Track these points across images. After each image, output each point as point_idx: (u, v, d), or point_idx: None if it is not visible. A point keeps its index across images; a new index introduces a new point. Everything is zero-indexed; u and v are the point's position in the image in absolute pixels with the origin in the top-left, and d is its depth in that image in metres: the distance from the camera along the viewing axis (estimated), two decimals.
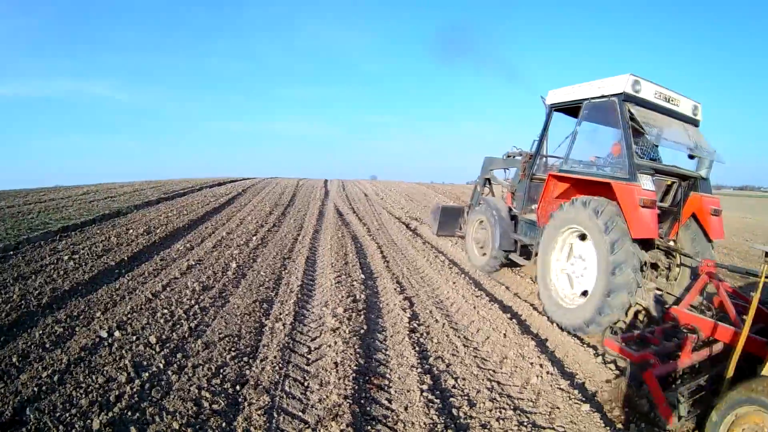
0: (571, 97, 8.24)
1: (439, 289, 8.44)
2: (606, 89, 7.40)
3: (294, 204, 21.33)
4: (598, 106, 7.70)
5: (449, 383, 4.93)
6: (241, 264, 9.12)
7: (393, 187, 36.31)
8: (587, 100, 7.84)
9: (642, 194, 6.46)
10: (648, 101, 7.30)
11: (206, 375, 4.54)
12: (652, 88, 7.32)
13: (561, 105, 8.61)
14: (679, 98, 7.66)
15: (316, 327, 6.16)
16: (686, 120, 7.77)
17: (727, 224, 23.44)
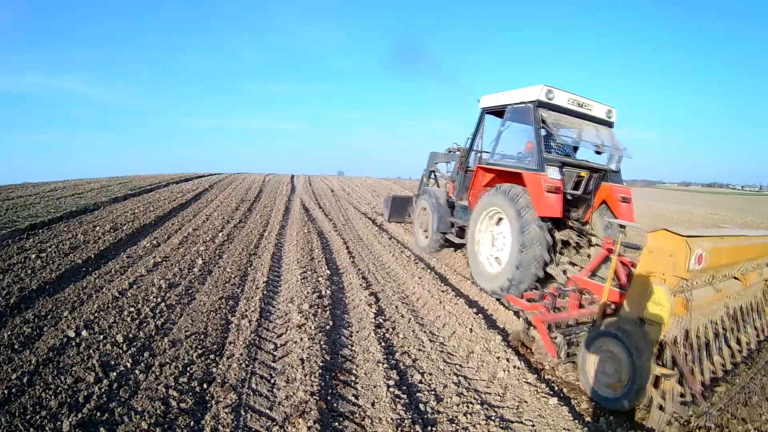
0: (498, 102, 9.76)
1: (405, 285, 8.49)
2: (524, 96, 8.91)
3: (260, 200, 21.30)
4: (518, 110, 9.15)
5: (416, 378, 4.95)
6: (207, 260, 9.09)
7: (360, 183, 36.45)
8: (510, 105, 9.32)
9: (548, 182, 7.88)
10: (561, 107, 8.79)
11: (173, 373, 4.52)
12: (565, 95, 8.81)
13: (490, 108, 10.13)
14: (593, 104, 9.15)
15: (281, 323, 6.17)
16: (599, 122, 9.26)
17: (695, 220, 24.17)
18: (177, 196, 19.54)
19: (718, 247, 4.93)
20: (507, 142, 9.59)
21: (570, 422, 4.15)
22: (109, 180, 25.73)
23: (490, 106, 10.07)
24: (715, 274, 5.16)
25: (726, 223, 24.46)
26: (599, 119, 9.27)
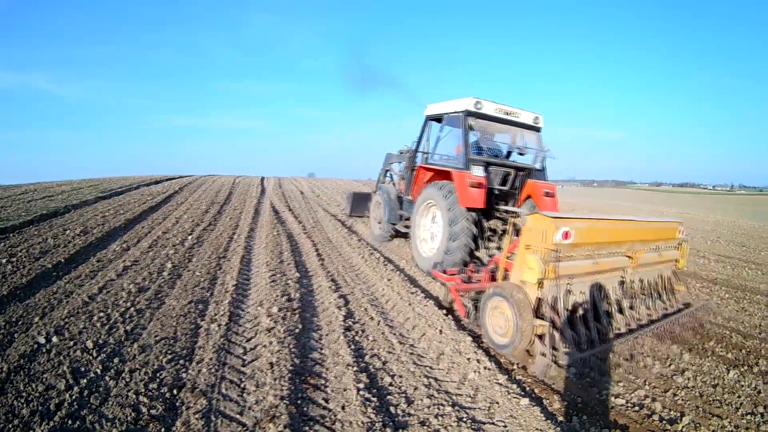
0: (437, 111, 11.11)
1: (375, 287, 8.51)
2: (456, 107, 10.22)
3: (230, 202, 21.19)
4: (452, 118, 10.48)
5: (386, 381, 4.96)
6: (177, 264, 9.04)
7: (330, 185, 36.53)
8: (446, 113, 10.74)
9: (471, 179, 9.18)
10: (488, 115, 10.11)
11: (143, 379, 4.50)
12: (493, 105, 10.10)
13: (432, 116, 11.43)
14: (520, 112, 10.50)
15: (251, 327, 6.14)
16: (526, 127, 10.72)
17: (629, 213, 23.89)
18: (147, 199, 19.37)
19: (588, 228, 6.13)
20: (444, 145, 10.99)
21: (542, 422, 4.19)
22: (80, 182, 25.47)
23: (431, 113, 11.43)
24: (594, 250, 6.36)
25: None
26: (526, 125, 10.70)
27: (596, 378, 5.63)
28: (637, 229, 7.28)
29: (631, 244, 7.02)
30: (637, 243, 7.12)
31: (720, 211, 45.79)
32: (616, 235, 6.78)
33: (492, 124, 10.35)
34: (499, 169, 10.43)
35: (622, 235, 6.91)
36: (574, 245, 5.91)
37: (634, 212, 29.73)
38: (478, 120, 10.03)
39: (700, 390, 5.49)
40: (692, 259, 14.11)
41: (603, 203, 44.39)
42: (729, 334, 7.51)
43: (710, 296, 9.83)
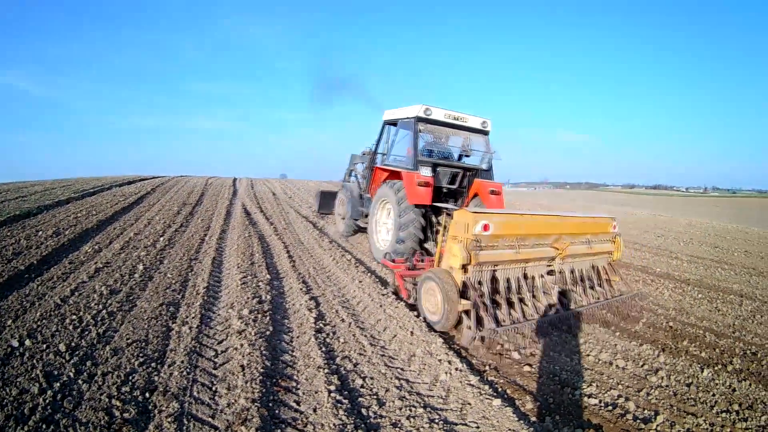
0: (393, 116, 11.90)
1: (346, 288, 8.55)
2: (408, 113, 11.06)
3: (202, 203, 21.08)
4: (405, 123, 11.38)
5: (357, 383, 4.98)
6: (148, 266, 9.00)
7: (302, 186, 36.53)
8: (400, 119, 11.56)
9: (419, 178, 10.05)
10: (437, 120, 10.96)
11: (116, 383, 4.49)
12: (442, 112, 10.96)
13: (389, 120, 12.16)
14: (468, 117, 11.37)
15: (222, 330, 6.14)
16: (474, 131, 11.64)
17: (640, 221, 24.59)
18: (119, 200, 19.23)
19: (508, 221, 7.10)
20: (398, 148, 11.93)
21: (515, 423, 4.22)
22: (53, 182, 25.26)
23: (388, 118, 12.22)
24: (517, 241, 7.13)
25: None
26: (474, 129, 11.62)
27: (568, 378, 5.69)
28: (563, 223, 8.13)
29: (557, 237, 7.77)
30: (564, 236, 7.88)
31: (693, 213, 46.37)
32: (539, 228, 7.62)
33: (439, 128, 11.28)
34: (447, 169, 11.43)
35: (546, 228, 7.74)
36: (495, 236, 6.79)
37: (605, 212, 29.95)
38: (427, 125, 11.02)
39: (674, 389, 5.59)
40: (665, 260, 14.41)
41: (572, 204, 44.71)
42: (702, 334, 7.66)
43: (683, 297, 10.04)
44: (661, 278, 11.84)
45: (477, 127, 11.58)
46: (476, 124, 11.54)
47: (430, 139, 11.58)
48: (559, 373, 5.83)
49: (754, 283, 11.98)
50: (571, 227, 8.17)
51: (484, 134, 11.78)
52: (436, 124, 11.10)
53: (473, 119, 11.48)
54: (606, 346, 6.78)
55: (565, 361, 6.21)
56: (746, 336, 7.79)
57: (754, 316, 8.93)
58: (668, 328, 7.92)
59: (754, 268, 14.19)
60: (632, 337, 7.27)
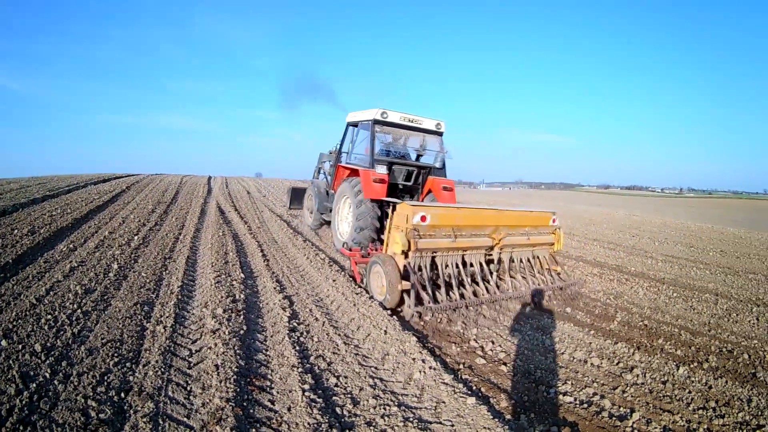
0: (355, 119, 12.87)
1: (319, 287, 8.55)
2: (367, 116, 11.96)
3: (177, 202, 20.99)
4: (364, 125, 12.25)
5: (331, 382, 4.99)
6: (123, 265, 8.96)
7: (276, 185, 36.58)
8: (360, 121, 12.49)
9: (375, 175, 11.01)
10: (394, 123, 11.88)
11: (91, 383, 4.47)
12: (398, 115, 11.84)
13: (351, 122, 13.15)
14: (423, 119, 12.27)
15: (196, 329, 6.12)
16: (429, 132, 12.51)
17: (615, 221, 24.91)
18: (94, 198, 19.12)
19: (444, 213, 8.09)
20: (358, 148, 12.67)
21: (490, 421, 4.21)
22: (29, 180, 25.19)
23: (351, 120, 13.18)
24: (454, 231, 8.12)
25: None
26: (429, 130, 12.49)
27: (543, 376, 5.75)
28: (500, 216, 9.09)
29: (494, 229, 8.73)
30: (501, 228, 8.83)
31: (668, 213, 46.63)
32: (475, 220, 8.58)
33: (395, 130, 12.31)
34: (403, 167, 12.36)
35: (483, 220, 8.70)
36: (432, 226, 7.78)
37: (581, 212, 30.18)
38: (384, 127, 11.97)
39: (650, 386, 5.63)
40: (640, 260, 14.58)
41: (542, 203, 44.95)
42: (678, 332, 7.75)
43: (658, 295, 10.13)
44: (636, 277, 11.92)
45: (431, 129, 12.50)
46: (431, 126, 12.46)
47: (387, 139, 12.61)
48: (533, 371, 5.87)
49: (730, 282, 12.05)
50: (508, 220, 9.16)
51: (438, 135, 12.71)
52: (393, 126, 12.09)
53: (428, 121, 12.39)
54: (580, 345, 6.83)
55: (540, 359, 6.25)
56: (722, 334, 7.86)
57: (730, 315, 8.99)
58: (643, 327, 7.98)
59: (730, 267, 14.29)
60: (607, 336, 7.31)
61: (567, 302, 9.12)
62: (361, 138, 12.54)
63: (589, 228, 22.60)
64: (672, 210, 57.88)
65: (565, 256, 14.13)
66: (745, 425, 4.92)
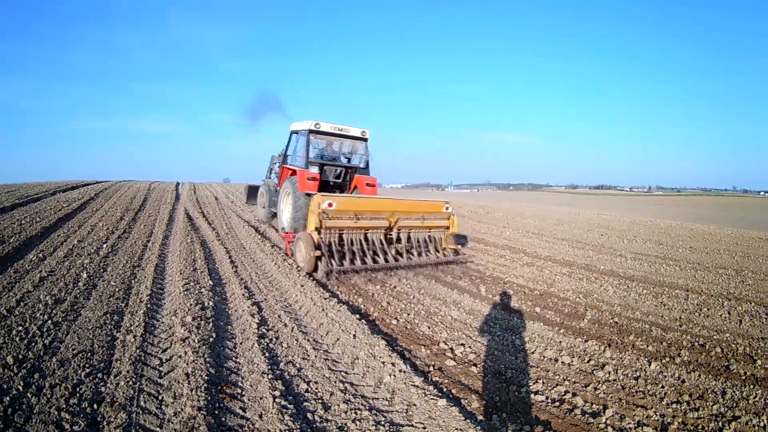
0: (296, 128, 15.02)
1: (288, 293, 8.50)
2: (304, 126, 14.02)
3: (145, 209, 20.80)
4: (302, 133, 14.32)
5: (302, 387, 4.96)
6: (92, 274, 8.86)
7: (244, 190, 36.51)
8: (299, 130, 14.60)
9: (308, 174, 13.07)
10: (326, 131, 14.00)
11: (64, 395, 4.41)
12: (329, 125, 13.93)
13: (293, 131, 15.21)
14: (350, 128, 14.35)
15: (166, 337, 6.06)
16: (356, 138, 14.69)
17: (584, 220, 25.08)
18: (63, 206, 18.95)
19: (346, 201, 10.56)
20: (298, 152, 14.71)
21: (461, 422, 4.21)
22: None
23: (293, 129, 15.26)
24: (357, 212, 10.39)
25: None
26: (356, 137, 14.64)
27: (513, 376, 5.76)
28: (396, 203, 11.29)
29: (391, 213, 10.93)
30: (397, 213, 11.02)
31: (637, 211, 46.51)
32: (374, 207, 10.86)
33: (328, 137, 14.53)
34: (333, 168, 14.68)
35: (380, 206, 10.99)
36: (338, 211, 10.11)
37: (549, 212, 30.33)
38: (317, 135, 14.11)
39: (622, 383, 5.63)
40: (609, 258, 14.60)
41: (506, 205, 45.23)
42: (649, 328, 7.76)
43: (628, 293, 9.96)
44: (605, 275, 11.95)
45: (358, 136, 14.67)
46: (357, 134, 14.62)
47: (321, 145, 14.81)
48: (504, 371, 5.88)
49: (700, 278, 12.10)
50: (403, 207, 11.33)
51: (363, 141, 14.91)
52: (325, 134, 14.26)
53: (354, 130, 14.52)
54: (550, 344, 6.84)
55: (510, 359, 6.25)
56: (693, 329, 7.89)
57: (701, 309, 9.03)
58: (614, 324, 7.98)
59: (699, 263, 14.34)
60: (577, 334, 7.32)
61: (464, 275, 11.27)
62: (300, 144, 14.53)
63: (558, 228, 22.51)
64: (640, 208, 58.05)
65: (533, 256, 14.31)
66: (720, 417, 4.95)
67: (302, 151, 14.13)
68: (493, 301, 8.90)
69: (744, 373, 6.13)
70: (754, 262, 14.80)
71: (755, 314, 8.77)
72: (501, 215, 28.07)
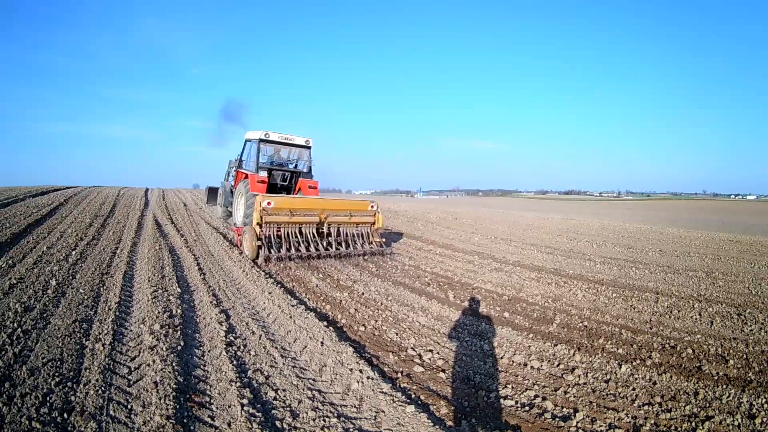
0: (249, 137, 16.88)
1: (256, 300, 8.46)
2: (255, 135, 16.02)
3: (114, 215, 20.71)
4: (253, 142, 16.22)
5: (270, 395, 4.93)
6: (61, 281, 8.79)
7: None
8: (252, 139, 16.48)
9: (257, 178, 15.17)
10: (274, 140, 16.01)
11: (34, 404, 4.38)
12: (277, 134, 15.98)
13: (247, 139, 17.02)
14: (295, 137, 16.45)
15: (134, 346, 6.01)
16: (300, 146, 16.79)
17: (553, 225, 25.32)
18: (33, 212, 18.86)
19: (283, 200, 12.44)
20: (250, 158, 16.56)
21: (430, 428, 4.20)
22: None
23: (247, 138, 17.09)
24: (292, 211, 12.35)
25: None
26: (300, 145, 16.75)
27: (482, 381, 5.76)
28: (325, 202, 13.48)
29: (321, 210, 12.94)
30: (327, 210, 13.06)
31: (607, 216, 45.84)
32: (306, 205, 12.89)
33: (276, 145, 16.48)
34: (279, 172, 16.65)
35: (311, 205, 13.01)
36: (275, 209, 12.07)
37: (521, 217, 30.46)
38: (267, 143, 16.04)
39: (592, 386, 5.61)
40: (578, 262, 14.44)
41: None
42: (618, 332, 7.71)
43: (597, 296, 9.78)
44: (575, 279, 11.86)
45: (302, 144, 16.74)
46: (301, 142, 16.69)
47: (270, 152, 16.64)
48: (473, 376, 5.86)
49: (670, 280, 12.02)
50: (332, 205, 13.41)
51: (307, 148, 16.96)
52: (273, 143, 16.23)
53: (299, 139, 16.59)
54: (519, 348, 6.81)
55: (479, 364, 6.23)
56: (664, 331, 7.87)
57: (671, 312, 8.98)
58: (583, 328, 7.93)
59: (669, 266, 14.25)
60: (546, 338, 7.28)
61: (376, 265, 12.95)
62: (252, 151, 16.34)
63: (527, 233, 22.34)
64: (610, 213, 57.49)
65: (502, 261, 14.24)
66: (693, 417, 4.96)
67: (254, 157, 16.08)
68: (461, 307, 8.87)
69: (716, 373, 6.14)
70: (725, 263, 14.83)
71: (726, 315, 8.79)
72: (469, 221, 27.97)
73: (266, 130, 15.82)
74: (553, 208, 68.97)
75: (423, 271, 12.10)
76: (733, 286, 11.52)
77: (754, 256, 16.46)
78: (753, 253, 17.20)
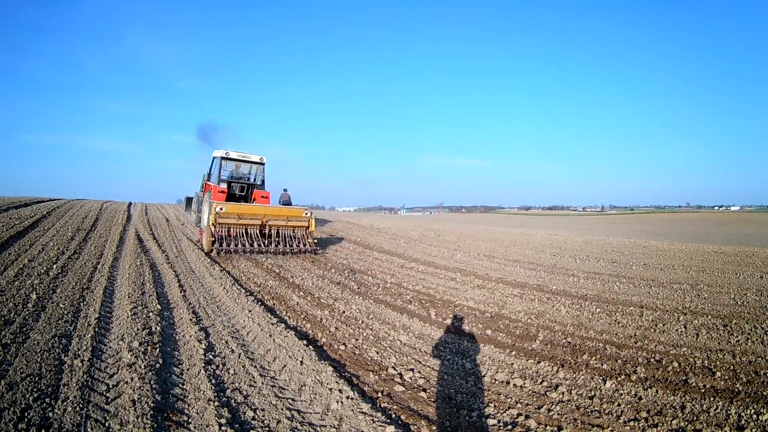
0: (215, 154, 18.88)
1: (235, 318, 8.37)
2: (218, 153, 18.53)
3: (96, 229, 20.71)
4: (216, 159, 18.67)
5: (248, 415, 4.87)
6: (42, 295, 8.71)
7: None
8: (217, 156, 18.70)
9: (218, 189, 17.79)
10: (233, 157, 18.65)
11: (13, 419, 4.32)
12: (236, 153, 18.67)
13: (214, 156, 18.99)
14: (251, 155, 19.11)
15: (113, 363, 5.93)
16: (256, 163, 19.45)
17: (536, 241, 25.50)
18: (15, 223, 18.88)
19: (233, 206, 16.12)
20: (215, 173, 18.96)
21: None
22: None
23: (213, 155, 19.11)
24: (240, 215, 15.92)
25: None
26: (256, 162, 19.38)
27: (464, 400, 5.65)
28: (266, 209, 17.02)
29: (264, 215, 16.37)
30: (268, 215, 16.52)
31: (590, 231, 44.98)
32: (251, 211, 16.31)
33: (235, 162, 19.16)
34: (237, 184, 19.12)
35: (255, 211, 16.45)
36: (226, 213, 15.29)
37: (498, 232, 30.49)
38: (228, 160, 18.73)
39: (576, 403, 5.46)
40: (561, 278, 14.12)
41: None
42: (603, 347, 7.55)
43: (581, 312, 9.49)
44: (558, 295, 11.58)
45: (257, 161, 19.39)
46: (256, 159, 19.31)
47: (231, 167, 19.25)
48: (454, 395, 5.76)
49: (654, 294, 11.72)
50: (272, 211, 16.98)
51: (261, 165, 19.57)
52: (233, 160, 18.92)
53: (254, 156, 19.21)
54: (502, 366, 6.68)
55: (461, 383, 6.11)
56: (649, 345, 7.70)
57: (656, 325, 8.75)
58: (566, 344, 7.75)
59: (654, 279, 13.85)
60: (529, 355, 7.12)
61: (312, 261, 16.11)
62: (216, 166, 18.88)
63: (509, 249, 22.00)
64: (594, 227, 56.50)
65: (484, 278, 14.00)
66: (680, 431, 4.86)
67: (216, 172, 18.80)
68: (443, 325, 8.79)
69: (703, 385, 6.03)
70: (710, 275, 14.56)
71: (712, 327, 8.63)
72: (452, 237, 27.75)
73: (227, 150, 18.67)
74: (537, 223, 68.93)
75: (405, 289, 11.96)
76: (719, 297, 11.32)
77: (739, 266, 16.26)
78: (738, 263, 17.02)
